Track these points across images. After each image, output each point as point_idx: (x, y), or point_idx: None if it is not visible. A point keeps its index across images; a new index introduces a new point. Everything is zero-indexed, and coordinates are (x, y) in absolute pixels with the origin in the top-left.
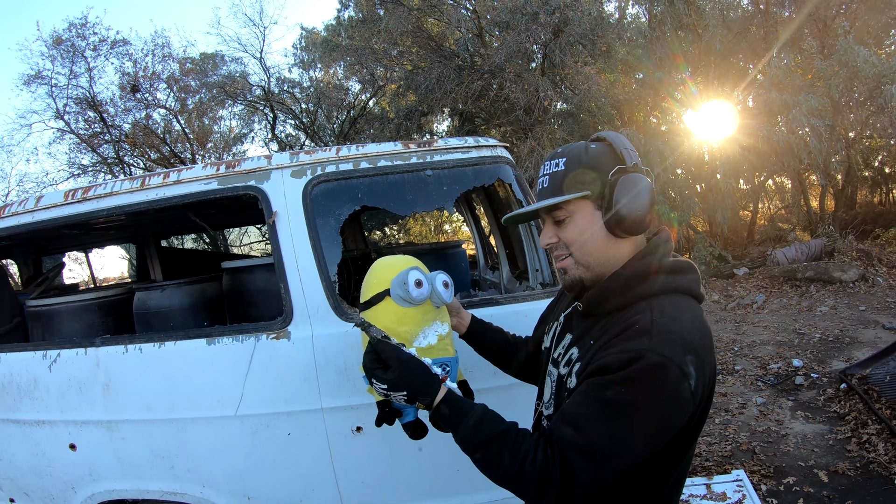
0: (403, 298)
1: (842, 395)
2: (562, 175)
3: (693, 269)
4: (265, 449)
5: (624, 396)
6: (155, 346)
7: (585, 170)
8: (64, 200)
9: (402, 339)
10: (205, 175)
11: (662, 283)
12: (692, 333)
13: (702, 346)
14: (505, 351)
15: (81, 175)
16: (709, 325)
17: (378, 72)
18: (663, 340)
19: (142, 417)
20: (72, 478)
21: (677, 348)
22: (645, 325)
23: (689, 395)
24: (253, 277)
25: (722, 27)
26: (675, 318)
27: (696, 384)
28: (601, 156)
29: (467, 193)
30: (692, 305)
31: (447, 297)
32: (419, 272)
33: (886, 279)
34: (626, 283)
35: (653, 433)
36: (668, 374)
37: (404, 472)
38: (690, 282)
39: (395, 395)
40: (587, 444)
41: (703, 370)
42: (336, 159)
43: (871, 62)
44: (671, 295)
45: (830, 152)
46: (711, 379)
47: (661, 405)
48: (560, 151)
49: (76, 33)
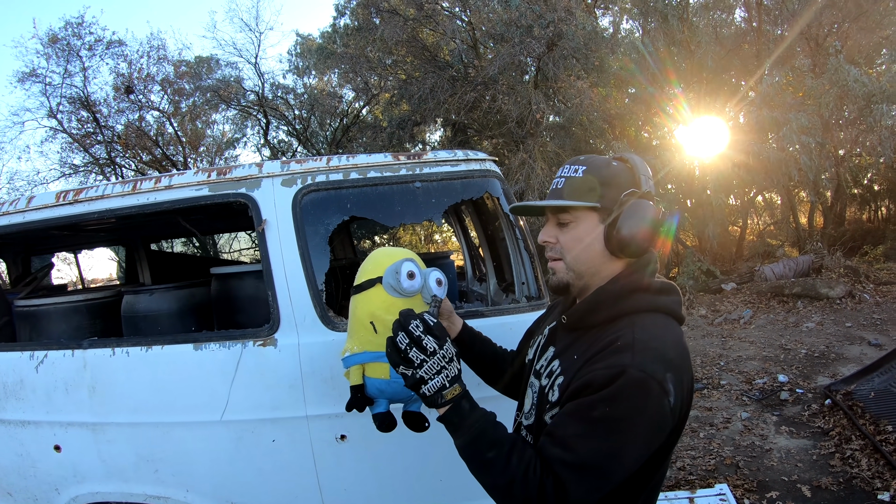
0: (394, 288)
1: (826, 410)
2: (578, 182)
3: (676, 291)
4: (250, 455)
5: (610, 414)
6: (142, 349)
7: (601, 183)
8: (55, 202)
9: (386, 327)
10: (196, 181)
11: (648, 301)
12: (672, 352)
13: (681, 365)
14: (492, 363)
15: (73, 175)
16: (686, 346)
17: (372, 80)
18: (645, 357)
19: (127, 420)
20: (56, 479)
21: (658, 366)
22: (628, 342)
23: (669, 411)
24: (241, 284)
25: (714, 44)
26: (656, 337)
27: (675, 401)
28: (620, 175)
29: (456, 206)
30: (673, 326)
31: (439, 294)
32: (414, 264)
33: (873, 296)
34: (612, 298)
35: (640, 447)
36: (650, 390)
37: (388, 481)
38: (673, 303)
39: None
40: (579, 462)
41: (681, 387)
42: (326, 169)
43: (862, 81)
44: (654, 314)
45: (820, 169)
46: (688, 396)
47: (646, 421)
48: (583, 159)
49: (72, 32)
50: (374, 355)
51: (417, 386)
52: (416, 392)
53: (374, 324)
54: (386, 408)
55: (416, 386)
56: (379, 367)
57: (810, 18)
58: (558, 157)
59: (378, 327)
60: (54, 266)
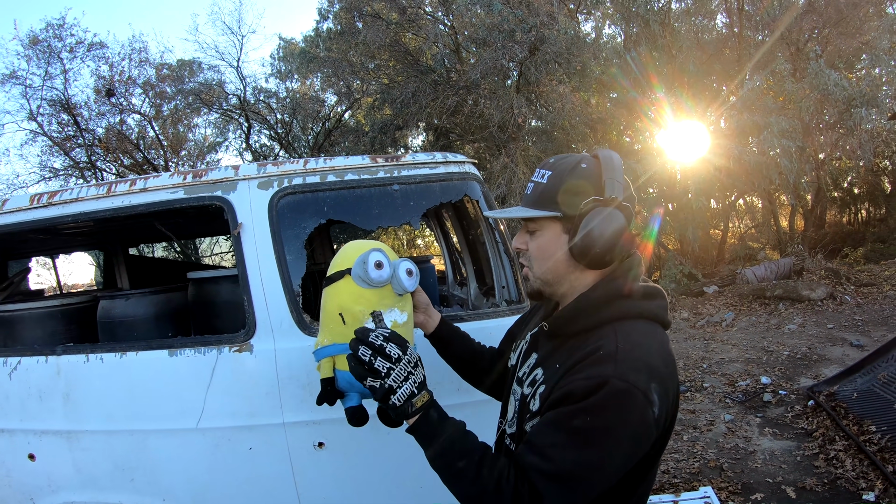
0: (362, 278)
1: (809, 411)
2: (541, 189)
3: (661, 296)
4: (227, 463)
5: (591, 424)
6: (116, 356)
7: (564, 190)
8: (29, 205)
9: (355, 318)
10: (171, 184)
11: (631, 307)
12: (657, 360)
13: (666, 374)
14: (471, 361)
15: (53, 178)
16: (672, 352)
17: (354, 85)
18: (629, 367)
19: (102, 428)
20: (30, 488)
21: (642, 375)
22: (610, 351)
23: (653, 421)
24: (218, 288)
25: (696, 49)
26: (640, 345)
27: (660, 411)
28: (585, 178)
29: (437, 209)
30: (658, 332)
31: (408, 285)
32: (381, 254)
33: (854, 298)
34: (594, 305)
35: (620, 459)
36: (633, 400)
37: (367, 488)
38: (658, 308)
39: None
40: (556, 472)
41: (666, 397)
42: (303, 171)
43: (842, 86)
44: (638, 320)
45: (800, 173)
46: (674, 405)
47: (628, 432)
48: (552, 162)
49: (53, 34)
50: (343, 347)
51: (387, 397)
52: (386, 404)
53: (343, 315)
54: (358, 402)
55: (385, 397)
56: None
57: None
58: (540, 161)
59: (347, 318)
60: (31, 270)
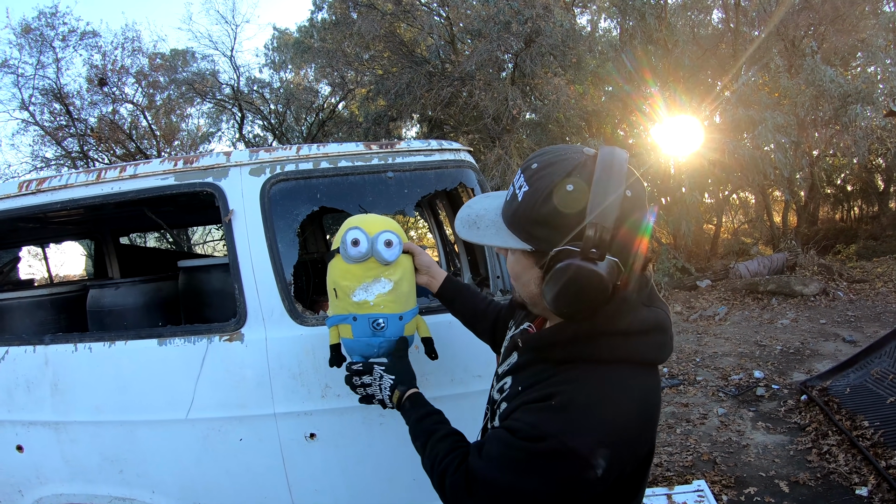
0: (345, 255)
1: (802, 406)
2: (515, 207)
3: (660, 330)
4: (217, 454)
5: (525, 464)
6: (105, 345)
7: (535, 220)
8: (18, 192)
9: (342, 291)
10: (161, 170)
11: (613, 349)
12: (616, 423)
13: (625, 436)
14: (472, 322)
15: (45, 168)
16: (653, 403)
17: (349, 75)
18: (576, 428)
19: (91, 419)
20: (19, 480)
21: (587, 440)
22: (563, 404)
23: (595, 479)
24: (209, 277)
25: (692, 43)
26: (600, 403)
27: (608, 470)
28: (566, 208)
29: (431, 199)
30: (638, 380)
31: (387, 256)
32: (359, 231)
33: (847, 293)
34: (569, 340)
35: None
36: (568, 464)
37: (358, 480)
38: (649, 347)
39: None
40: (483, 478)
41: (619, 459)
42: (296, 158)
43: (838, 82)
44: (615, 367)
45: (795, 169)
46: (640, 459)
47: (554, 489)
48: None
49: (45, 22)
50: (338, 318)
51: (383, 405)
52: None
53: (336, 290)
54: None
55: (381, 405)
56: (344, 328)
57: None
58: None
59: (339, 293)
60: (21, 259)
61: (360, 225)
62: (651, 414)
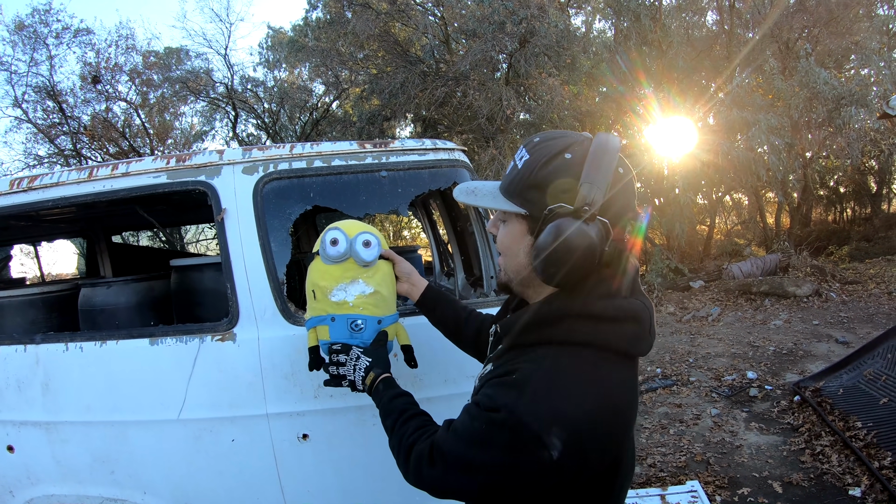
0: (324, 255)
1: (795, 407)
2: (514, 175)
3: (632, 319)
4: (208, 455)
5: (484, 433)
6: (96, 344)
7: (532, 184)
8: (9, 189)
9: (320, 291)
10: (154, 168)
11: (576, 331)
12: (573, 405)
13: (584, 420)
14: (454, 331)
15: (37, 166)
16: (619, 395)
17: (343, 75)
18: (527, 404)
19: (81, 419)
20: (9, 481)
21: (539, 417)
22: (520, 381)
23: (550, 465)
24: (201, 276)
25: (686, 45)
26: (558, 383)
27: (564, 455)
28: (563, 174)
29: (425, 198)
30: (602, 368)
31: (365, 256)
32: (338, 232)
33: (839, 295)
34: (542, 320)
35: (502, 479)
36: (518, 437)
37: (351, 481)
38: (617, 335)
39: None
40: (445, 451)
41: (580, 443)
42: (289, 157)
43: (831, 84)
44: (585, 350)
45: (788, 170)
46: (608, 450)
47: (510, 460)
48: (535, 142)
49: (39, 19)
50: (316, 320)
51: (353, 387)
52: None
53: (315, 291)
54: None
55: (352, 388)
56: (322, 330)
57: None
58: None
59: (317, 294)
60: (12, 258)
61: (340, 226)
62: (619, 407)
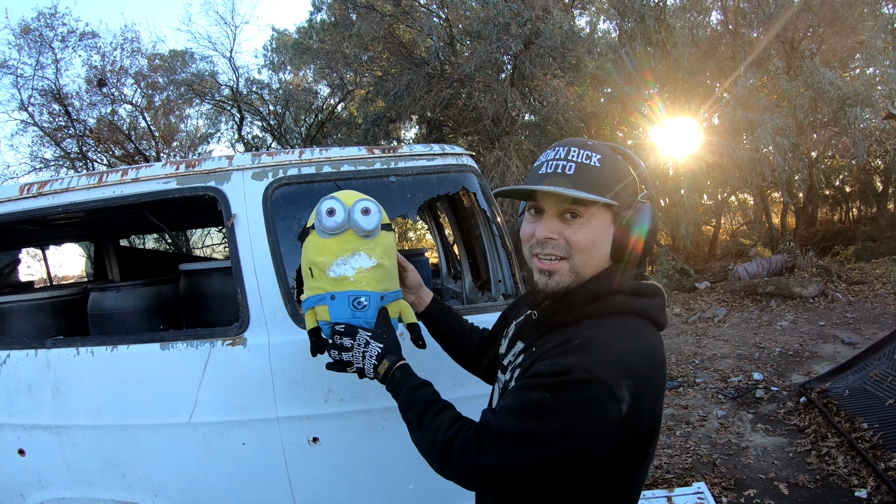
0: (322, 229)
1: (801, 408)
2: (596, 172)
3: (657, 294)
4: (219, 459)
5: (547, 401)
6: (107, 349)
7: (618, 178)
8: (19, 195)
9: (318, 269)
10: (164, 174)
11: (622, 303)
12: (634, 357)
13: (643, 373)
14: (456, 343)
15: (44, 169)
16: (661, 353)
17: (348, 76)
18: (598, 360)
19: (92, 423)
20: (20, 484)
21: (611, 369)
22: (584, 342)
23: (619, 419)
24: (210, 281)
25: (690, 45)
26: (618, 339)
27: (630, 410)
28: (629, 170)
29: (432, 202)
30: (646, 330)
31: (365, 224)
32: (335, 201)
33: (845, 295)
34: (584, 300)
35: (570, 447)
36: (594, 391)
37: (361, 485)
38: (651, 306)
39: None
40: (499, 430)
41: (642, 398)
42: (299, 162)
43: (836, 84)
44: (626, 316)
45: (793, 171)
46: (654, 410)
47: (582, 423)
48: (591, 144)
49: (45, 23)
50: (315, 299)
51: (361, 374)
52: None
53: (312, 269)
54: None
55: (360, 375)
56: (322, 310)
57: (786, 22)
58: (533, 154)
59: (314, 272)
60: (20, 262)
61: (336, 196)
62: (660, 362)
